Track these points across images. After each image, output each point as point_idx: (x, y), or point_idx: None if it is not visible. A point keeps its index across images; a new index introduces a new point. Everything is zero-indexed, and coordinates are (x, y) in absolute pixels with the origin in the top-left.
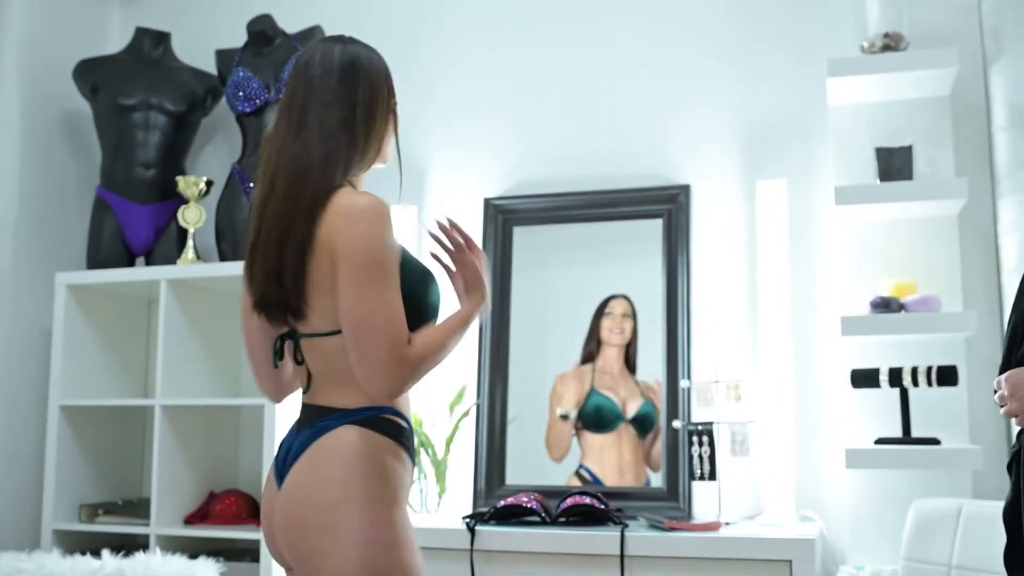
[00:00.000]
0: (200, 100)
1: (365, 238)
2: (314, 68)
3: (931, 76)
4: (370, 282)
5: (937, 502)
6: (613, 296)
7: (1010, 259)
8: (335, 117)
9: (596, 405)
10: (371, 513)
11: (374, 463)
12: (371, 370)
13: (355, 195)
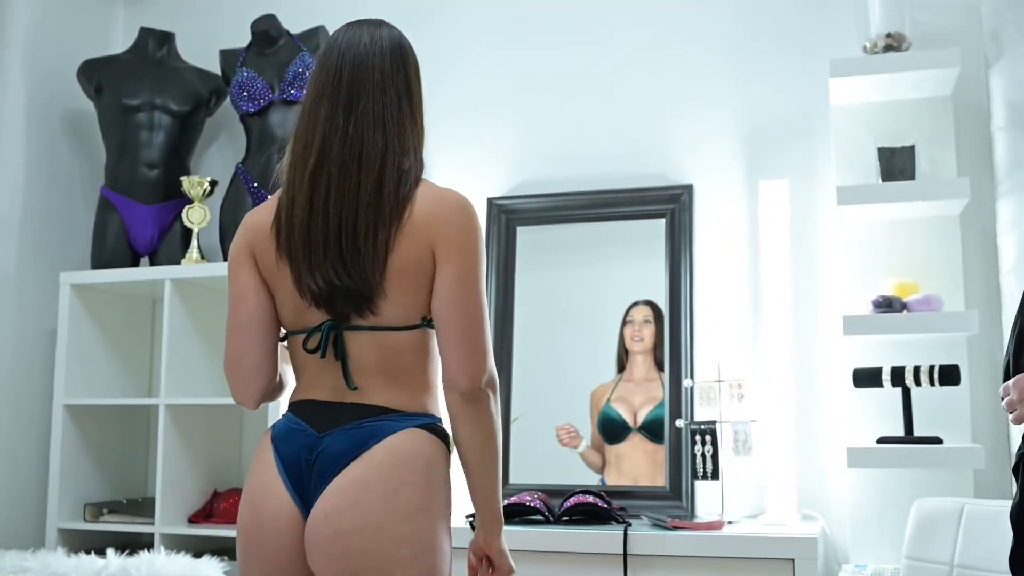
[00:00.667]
0: (204, 100)
1: (478, 236)
2: (363, 48)
3: (933, 76)
4: (480, 279)
5: (939, 501)
6: (635, 303)
7: (1008, 259)
8: (394, 103)
9: (602, 419)
10: (445, 526)
11: (446, 472)
12: (474, 367)
13: (448, 189)
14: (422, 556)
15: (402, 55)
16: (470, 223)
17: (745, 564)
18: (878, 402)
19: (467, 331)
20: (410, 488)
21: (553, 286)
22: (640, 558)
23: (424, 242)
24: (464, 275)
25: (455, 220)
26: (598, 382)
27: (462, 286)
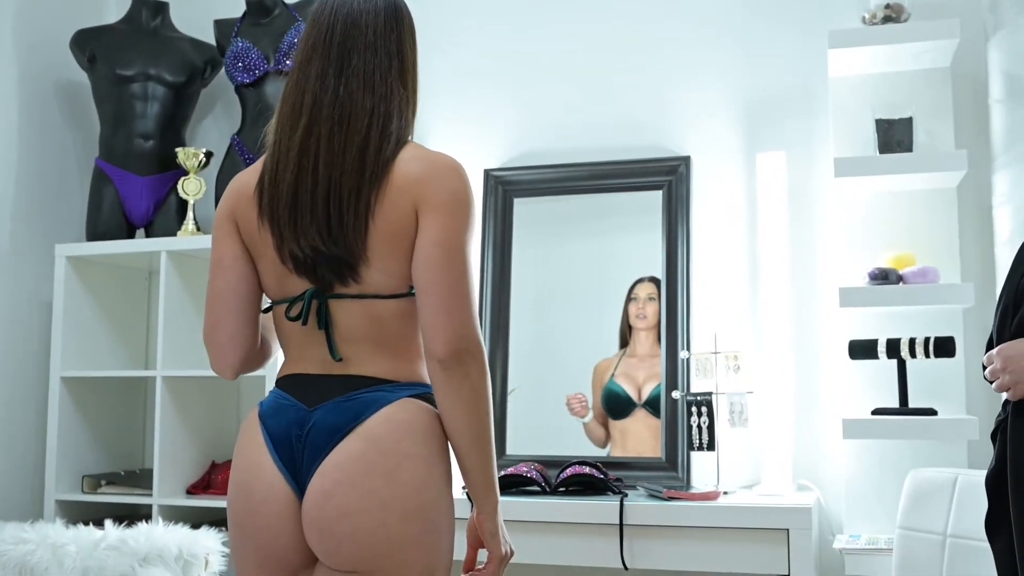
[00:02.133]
0: (199, 71)
1: (466, 198)
2: (356, 6)
3: (932, 47)
4: (465, 244)
5: (933, 472)
6: (640, 280)
7: (1003, 231)
8: (384, 65)
9: (607, 394)
10: (447, 496)
11: (444, 442)
12: (451, 332)
13: (437, 152)
14: (431, 530)
15: (396, 15)
16: (457, 185)
17: (740, 534)
18: (874, 374)
19: (446, 295)
20: (412, 461)
21: (550, 258)
22: (636, 528)
23: (408, 204)
24: (447, 237)
25: (441, 182)
26: (595, 354)
27: (444, 248)
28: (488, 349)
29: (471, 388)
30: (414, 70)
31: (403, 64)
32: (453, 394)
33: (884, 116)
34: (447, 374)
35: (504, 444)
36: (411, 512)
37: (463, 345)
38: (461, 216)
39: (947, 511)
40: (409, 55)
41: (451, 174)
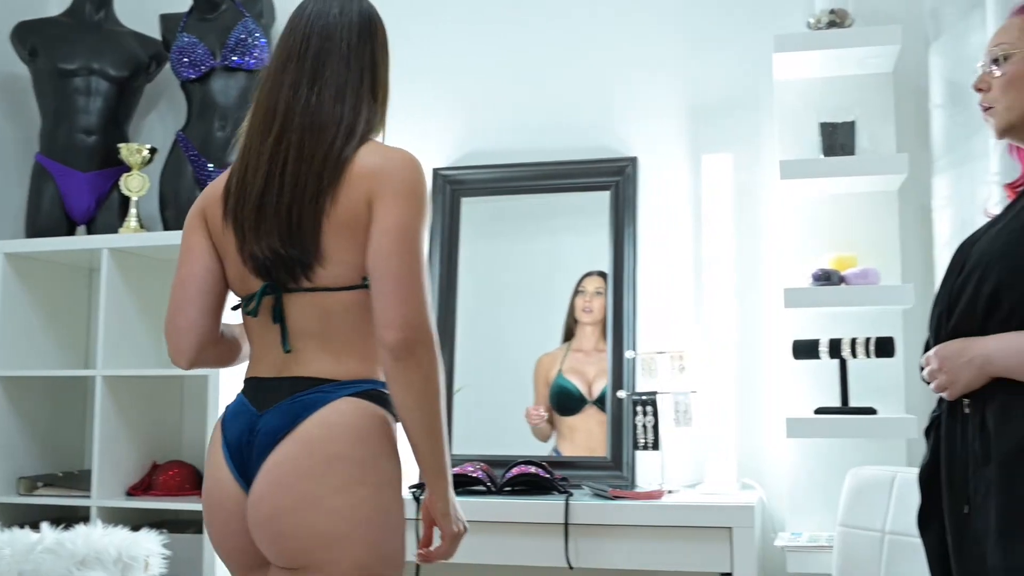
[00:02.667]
0: (144, 65)
1: (421, 190)
2: (332, 19)
3: (874, 53)
4: (418, 234)
5: (873, 470)
6: (588, 273)
7: (943, 233)
8: (356, 77)
9: (558, 390)
10: (388, 496)
11: (383, 440)
12: (400, 320)
13: (393, 148)
14: (362, 529)
15: (371, 29)
16: (412, 177)
17: (684, 532)
18: (816, 373)
19: (397, 283)
20: (343, 461)
21: (497, 257)
22: (581, 527)
23: (362, 195)
24: (400, 224)
25: (396, 173)
26: (542, 353)
27: (396, 235)
28: None
29: (423, 377)
30: (385, 82)
31: (374, 76)
32: (404, 383)
33: (828, 120)
34: (398, 363)
35: (450, 443)
36: (340, 510)
37: (414, 334)
38: (414, 205)
39: (886, 508)
40: (381, 67)
41: (405, 165)
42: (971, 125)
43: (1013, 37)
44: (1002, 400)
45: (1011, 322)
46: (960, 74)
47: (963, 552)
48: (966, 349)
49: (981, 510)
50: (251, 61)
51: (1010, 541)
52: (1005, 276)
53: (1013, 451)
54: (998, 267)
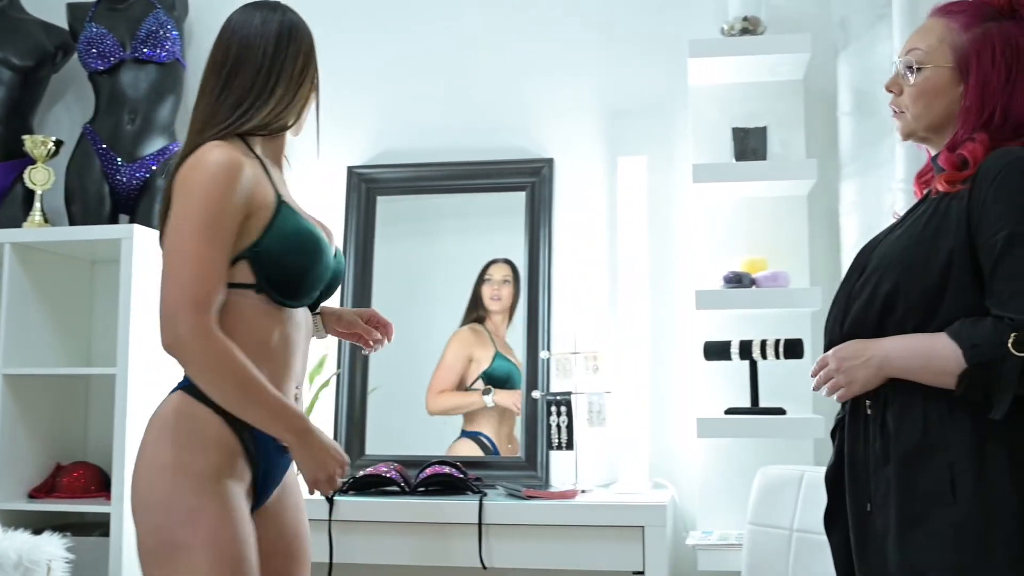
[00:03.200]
0: (49, 55)
1: (195, 188)
2: (254, 29)
3: (785, 60)
4: (185, 229)
5: (781, 469)
6: (494, 261)
7: (849, 238)
8: (262, 83)
9: (507, 372)
10: (178, 481)
11: (192, 432)
12: (161, 320)
13: (210, 148)
14: (142, 511)
15: (289, 38)
16: (190, 176)
17: (597, 532)
18: (727, 374)
19: (160, 287)
20: (147, 448)
21: (412, 257)
22: (495, 527)
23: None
24: (170, 228)
25: (184, 174)
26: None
27: (168, 238)
28: (349, 348)
29: (198, 374)
30: (304, 88)
31: (288, 83)
32: (192, 376)
33: (740, 125)
34: (178, 360)
35: (364, 444)
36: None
37: (167, 337)
38: (183, 203)
39: (794, 507)
40: (295, 75)
41: (191, 164)
42: (877, 133)
43: (930, 45)
44: (902, 401)
45: (906, 325)
46: (867, 83)
47: (865, 550)
48: (864, 350)
49: (881, 509)
50: (163, 54)
51: (908, 539)
52: (901, 279)
53: (911, 451)
54: (895, 271)
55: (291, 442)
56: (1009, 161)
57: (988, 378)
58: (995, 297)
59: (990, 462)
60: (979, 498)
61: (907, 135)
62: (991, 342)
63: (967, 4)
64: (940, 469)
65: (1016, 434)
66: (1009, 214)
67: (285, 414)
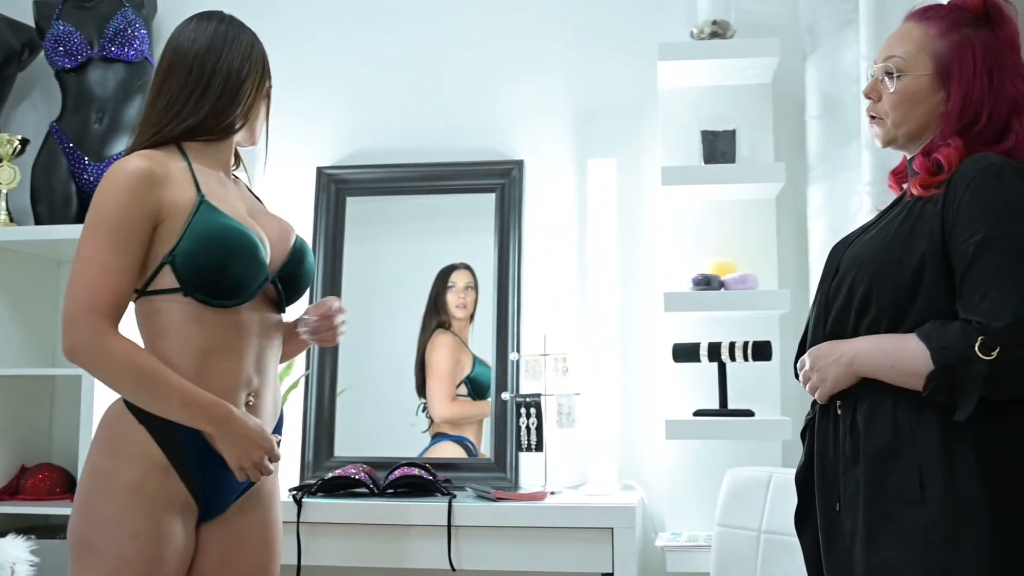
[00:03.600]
0: (16, 53)
1: (100, 197)
2: (187, 36)
3: (754, 64)
4: (87, 237)
5: (749, 471)
6: (454, 267)
7: (817, 241)
8: (190, 88)
9: (487, 376)
10: (102, 486)
11: (119, 440)
12: (62, 327)
13: (127, 159)
14: (74, 510)
15: (225, 42)
16: (100, 185)
17: (566, 533)
18: (696, 376)
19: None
20: (89, 459)
21: (382, 258)
22: (465, 529)
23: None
24: (79, 238)
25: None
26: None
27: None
28: (318, 348)
29: (103, 377)
30: (249, 92)
31: (224, 85)
32: (102, 381)
33: (709, 128)
34: (84, 367)
35: (333, 446)
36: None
37: (67, 343)
38: (88, 216)
39: (762, 508)
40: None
41: (101, 180)
42: (844, 137)
43: (909, 52)
44: (872, 402)
45: (879, 325)
46: (834, 87)
47: (833, 551)
48: (836, 349)
49: (850, 510)
50: (131, 52)
51: (876, 540)
52: (874, 280)
53: (880, 451)
54: (868, 271)
55: (211, 432)
56: (984, 167)
57: (954, 380)
58: (964, 300)
59: (959, 463)
60: (948, 499)
61: (887, 142)
62: (959, 345)
63: (943, 9)
64: (909, 470)
65: (985, 435)
66: (983, 219)
67: (198, 403)
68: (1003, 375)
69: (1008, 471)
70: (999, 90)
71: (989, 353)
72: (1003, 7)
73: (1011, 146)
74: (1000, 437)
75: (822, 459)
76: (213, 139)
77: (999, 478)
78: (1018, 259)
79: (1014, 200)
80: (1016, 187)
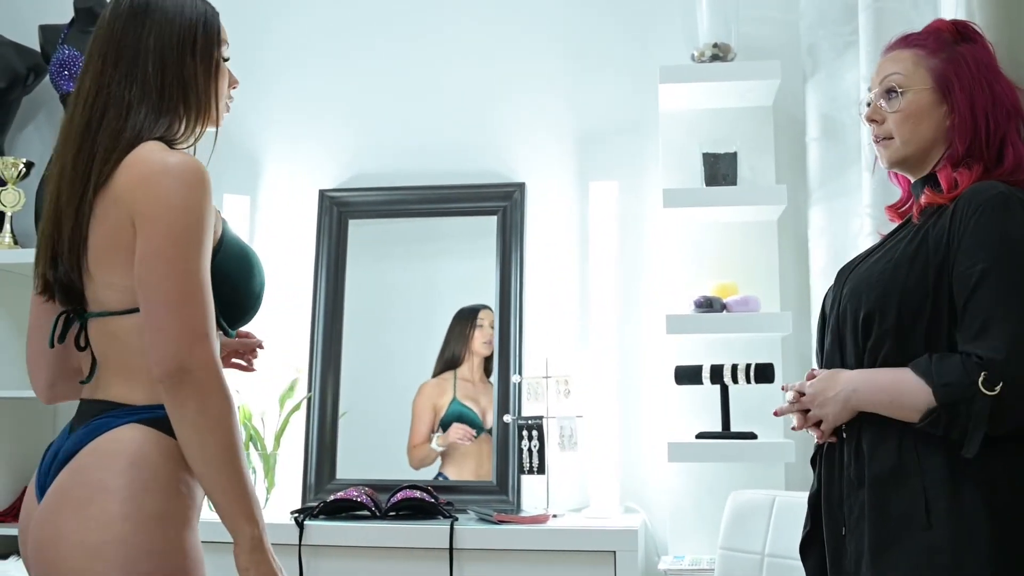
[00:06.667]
0: (21, 77)
1: (176, 200)
2: (103, 17)
3: (755, 87)
4: (176, 252)
5: (752, 493)
6: (483, 307)
7: (818, 263)
8: (123, 70)
9: (458, 415)
10: (159, 535)
11: (164, 472)
12: (161, 352)
13: (165, 151)
14: (127, 567)
15: (144, 13)
16: (160, 186)
17: (569, 556)
18: (698, 399)
19: (154, 311)
20: (107, 494)
21: (384, 281)
22: (466, 552)
23: (124, 213)
24: (152, 249)
25: (148, 183)
26: (427, 378)
27: (152, 262)
28: (320, 371)
29: (197, 409)
30: (162, 67)
31: (139, 64)
32: (178, 416)
33: (711, 150)
34: (169, 395)
35: (335, 468)
36: (98, 548)
37: (180, 364)
38: (169, 220)
39: (765, 531)
40: (152, 53)
41: (158, 181)
42: (845, 159)
43: (907, 69)
44: (877, 426)
45: (881, 349)
46: (835, 109)
47: (839, 574)
48: (834, 384)
49: (854, 533)
50: None
51: (880, 563)
52: (876, 304)
53: (885, 474)
54: (871, 296)
55: (247, 535)
56: (991, 195)
57: (955, 416)
58: (964, 331)
59: (964, 487)
60: (952, 523)
61: (896, 162)
62: (961, 381)
63: (921, 35)
64: (914, 493)
65: (990, 460)
66: (986, 248)
67: (254, 498)
68: (1005, 410)
69: (1012, 495)
70: (995, 94)
71: (992, 388)
72: (972, 25)
73: (1010, 168)
74: (1004, 462)
75: (829, 483)
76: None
77: (1003, 502)
78: (1020, 292)
79: (1017, 231)
80: (1021, 218)
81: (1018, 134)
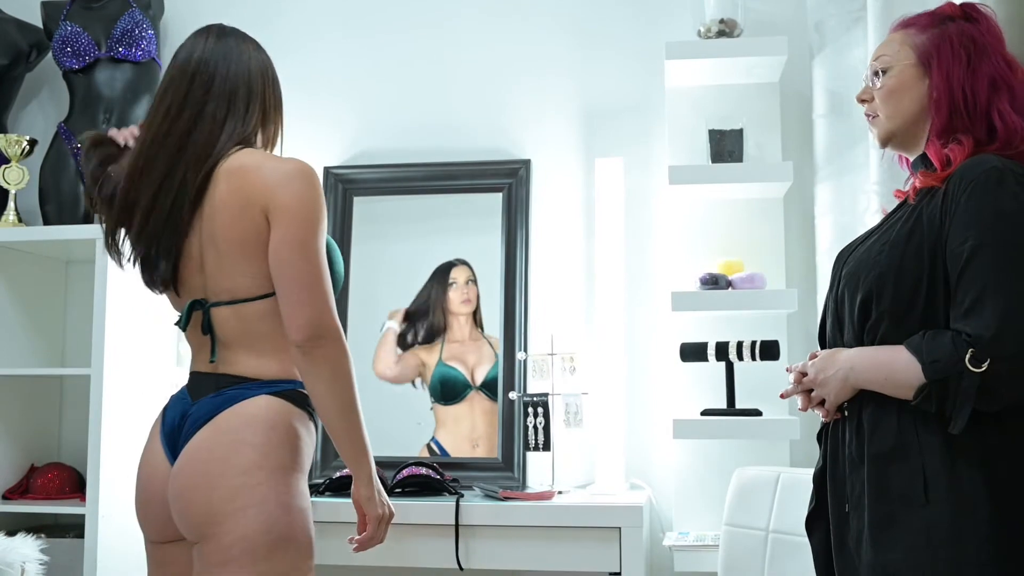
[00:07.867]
0: (24, 54)
1: (311, 197)
2: (192, 64)
3: (761, 63)
4: (309, 239)
5: (757, 470)
6: (452, 264)
7: (824, 240)
8: (222, 108)
9: (441, 377)
10: (282, 479)
11: (289, 433)
12: (301, 321)
13: (275, 156)
14: (253, 508)
15: (214, 67)
16: (292, 185)
17: (574, 533)
18: (703, 375)
19: (293, 288)
20: (248, 447)
21: (389, 257)
22: (472, 528)
23: (257, 209)
24: (296, 239)
25: (280, 183)
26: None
27: (290, 247)
28: None
29: (330, 367)
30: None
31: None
32: (315, 374)
33: (716, 127)
34: (305, 357)
35: None
36: (235, 490)
37: (316, 331)
38: (304, 212)
39: (770, 508)
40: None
41: (289, 181)
42: (852, 136)
43: (893, 50)
44: (877, 404)
45: (878, 330)
46: (842, 86)
47: (843, 551)
48: (833, 362)
49: (856, 510)
50: (138, 53)
51: (880, 540)
52: (874, 285)
53: (885, 453)
54: (869, 277)
55: (367, 471)
56: (983, 171)
57: (945, 393)
58: (956, 308)
59: (962, 465)
60: (952, 500)
61: (884, 139)
62: (949, 358)
63: (923, 15)
64: (913, 471)
65: (988, 437)
66: (978, 224)
67: (366, 441)
68: (995, 387)
69: (1010, 472)
70: (977, 67)
71: (979, 366)
72: (979, 7)
73: (1002, 140)
74: (1002, 438)
75: (833, 460)
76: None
77: (1002, 479)
78: (1010, 268)
79: (1010, 207)
80: (1015, 193)
81: (1011, 107)
